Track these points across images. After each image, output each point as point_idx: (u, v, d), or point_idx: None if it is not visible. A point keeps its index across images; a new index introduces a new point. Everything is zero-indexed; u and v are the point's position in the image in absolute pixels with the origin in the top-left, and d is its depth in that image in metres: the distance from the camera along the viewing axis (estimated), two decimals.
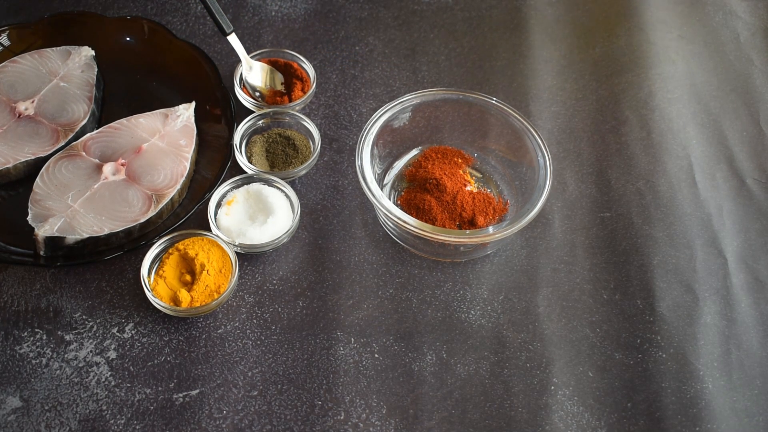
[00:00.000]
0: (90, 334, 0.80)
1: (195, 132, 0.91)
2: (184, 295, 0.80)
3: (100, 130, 0.90)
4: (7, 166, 0.87)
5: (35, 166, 0.88)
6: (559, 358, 0.81)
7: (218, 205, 0.87)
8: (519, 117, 0.88)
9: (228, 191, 0.88)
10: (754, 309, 0.85)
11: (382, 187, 0.84)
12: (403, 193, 0.89)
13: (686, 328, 0.83)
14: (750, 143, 0.97)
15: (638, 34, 1.06)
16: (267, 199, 0.87)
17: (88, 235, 0.82)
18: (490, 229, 0.81)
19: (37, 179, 0.85)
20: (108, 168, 0.87)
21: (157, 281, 0.81)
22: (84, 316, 0.81)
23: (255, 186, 0.88)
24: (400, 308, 0.84)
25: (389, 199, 0.88)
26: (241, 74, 0.96)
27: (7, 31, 0.96)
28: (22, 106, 0.91)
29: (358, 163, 0.84)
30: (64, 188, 0.85)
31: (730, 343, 0.82)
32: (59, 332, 0.80)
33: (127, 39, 0.99)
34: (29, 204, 0.84)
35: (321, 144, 0.92)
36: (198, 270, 0.81)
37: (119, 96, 0.97)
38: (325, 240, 0.88)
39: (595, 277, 0.86)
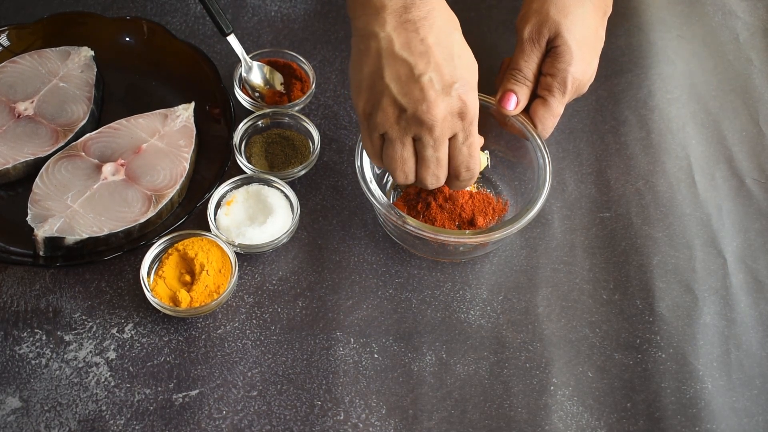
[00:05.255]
0: (89, 335, 0.80)
1: (194, 132, 0.91)
2: (183, 296, 0.80)
3: (99, 130, 0.90)
4: (7, 166, 0.87)
5: (35, 167, 0.88)
6: (558, 358, 0.81)
7: (218, 206, 0.87)
8: (518, 117, 0.87)
9: (227, 191, 0.88)
10: (754, 309, 0.85)
11: (381, 187, 0.84)
12: (402, 194, 0.89)
13: (686, 328, 0.83)
14: (749, 143, 0.97)
15: (638, 34, 1.06)
16: (266, 199, 0.87)
17: (87, 236, 0.82)
18: (490, 229, 0.81)
19: (37, 179, 0.85)
20: (107, 168, 0.87)
21: (157, 281, 0.81)
22: (83, 317, 0.81)
23: (254, 186, 0.88)
24: (400, 308, 0.84)
25: (389, 199, 0.88)
26: (241, 74, 0.96)
27: (7, 31, 0.96)
28: (21, 107, 0.91)
29: (357, 163, 0.84)
30: (63, 188, 0.85)
31: (730, 343, 0.82)
32: (59, 332, 0.80)
33: (127, 39, 0.99)
34: (29, 204, 0.84)
35: (320, 144, 0.92)
36: (197, 270, 0.81)
37: (118, 96, 0.97)
38: (325, 240, 0.88)
39: (594, 277, 0.86)
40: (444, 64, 0.73)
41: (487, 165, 0.87)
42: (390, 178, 0.90)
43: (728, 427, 0.78)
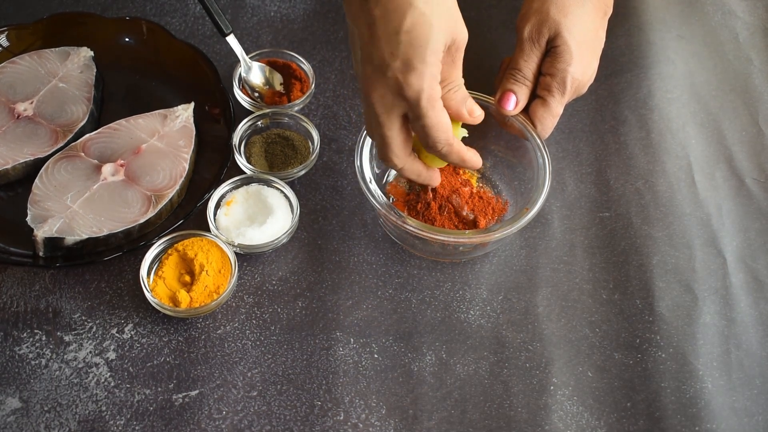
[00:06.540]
0: (89, 335, 0.80)
1: (194, 132, 0.91)
2: (183, 296, 0.80)
3: (99, 130, 0.90)
4: (6, 167, 0.87)
5: (34, 167, 0.88)
6: (558, 358, 0.81)
7: (217, 206, 0.87)
8: (518, 117, 0.87)
9: (227, 192, 0.88)
10: (754, 309, 0.85)
11: (381, 187, 0.84)
12: None
13: (685, 327, 0.83)
14: (749, 143, 0.97)
15: (637, 34, 1.06)
16: (266, 199, 0.87)
17: (87, 236, 0.82)
18: (490, 229, 0.81)
19: (36, 180, 0.85)
20: (107, 169, 0.87)
21: (157, 282, 0.81)
22: (83, 317, 0.81)
23: (254, 186, 0.88)
24: (400, 308, 0.84)
25: (388, 199, 0.88)
26: (240, 75, 0.96)
27: (6, 32, 0.96)
28: (21, 107, 0.91)
29: (357, 163, 0.84)
30: (63, 189, 0.85)
31: (730, 342, 0.82)
32: (58, 333, 0.80)
33: (126, 39, 0.99)
34: (28, 205, 0.84)
35: (320, 144, 0.92)
36: (197, 270, 0.81)
37: (118, 96, 0.97)
38: (325, 240, 0.88)
39: (594, 277, 0.86)
40: (384, 39, 0.68)
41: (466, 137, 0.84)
42: (390, 177, 0.90)
43: (728, 426, 0.78)
